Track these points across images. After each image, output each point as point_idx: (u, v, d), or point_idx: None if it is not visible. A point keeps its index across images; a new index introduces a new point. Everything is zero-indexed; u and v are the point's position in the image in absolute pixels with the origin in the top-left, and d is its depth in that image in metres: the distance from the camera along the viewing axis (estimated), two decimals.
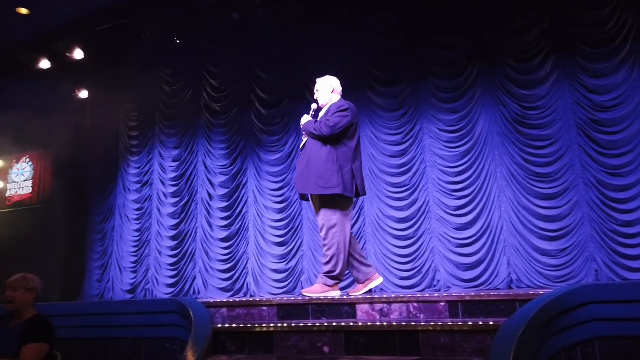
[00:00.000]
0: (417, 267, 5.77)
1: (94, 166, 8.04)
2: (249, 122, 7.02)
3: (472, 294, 3.25)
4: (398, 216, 5.96)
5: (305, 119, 3.89)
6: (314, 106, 3.99)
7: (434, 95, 6.04)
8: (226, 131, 7.15)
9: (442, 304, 3.14)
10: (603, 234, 5.08)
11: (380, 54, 6.33)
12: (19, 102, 7.70)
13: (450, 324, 2.77)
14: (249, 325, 3.25)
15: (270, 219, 6.64)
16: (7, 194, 8.62)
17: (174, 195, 7.32)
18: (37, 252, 7.56)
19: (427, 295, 3.49)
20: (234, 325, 3.31)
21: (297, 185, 3.86)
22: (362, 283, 3.76)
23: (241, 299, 5.27)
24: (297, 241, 6.44)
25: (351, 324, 2.99)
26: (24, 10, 6.67)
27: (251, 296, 6.44)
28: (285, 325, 3.14)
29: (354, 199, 3.89)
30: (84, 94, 7.95)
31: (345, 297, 3.48)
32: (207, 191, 7.12)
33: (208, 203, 7.08)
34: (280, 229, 6.56)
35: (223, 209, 6.95)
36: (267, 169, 6.80)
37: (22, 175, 8.58)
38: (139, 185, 7.66)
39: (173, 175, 7.39)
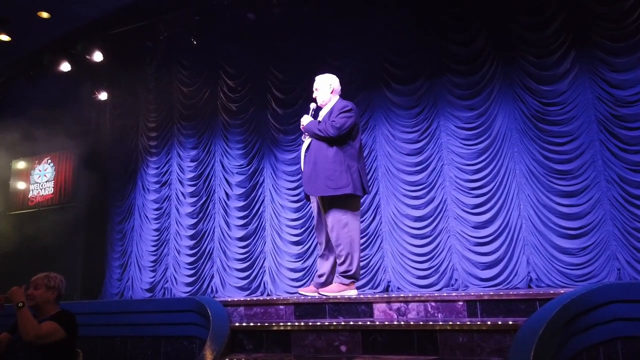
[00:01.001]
0: (434, 266, 5.72)
1: (113, 167, 8.17)
2: (265, 122, 7.06)
3: (491, 293, 3.21)
4: (415, 214, 5.92)
5: (306, 119, 3.85)
6: (312, 105, 3.93)
7: (450, 92, 5.98)
8: (243, 131, 7.19)
9: (460, 303, 3.11)
10: (625, 232, 4.96)
11: (396, 51, 6.30)
12: (40, 104, 7.87)
13: (468, 323, 2.74)
14: (266, 324, 3.26)
15: (287, 218, 6.66)
16: (30, 195, 8.81)
17: (192, 195, 7.39)
18: (59, 251, 7.72)
19: (445, 294, 3.46)
20: (252, 324, 3.32)
21: (306, 188, 3.82)
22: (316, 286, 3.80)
23: (258, 297, 5.30)
24: (313, 240, 6.44)
25: (368, 323, 2.98)
26: (44, 14, 6.80)
27: (268, 295, 6.47)
28: (302, 324, 3.15)
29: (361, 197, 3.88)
30: (103, 96, 8.08)
31: (362, 295, 3.47)
32: (225, 191, 7.18)
33: (225, 202, 7.14)
34: (296, 228, 6.57)
35: (240, 208, 7.00)
36: (284, 168, 6.82)
37: (44, 176, 8.76)
38: (157, 186, 7.76)
39: (191, 175, 7.46)
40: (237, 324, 3.34)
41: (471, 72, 5.88)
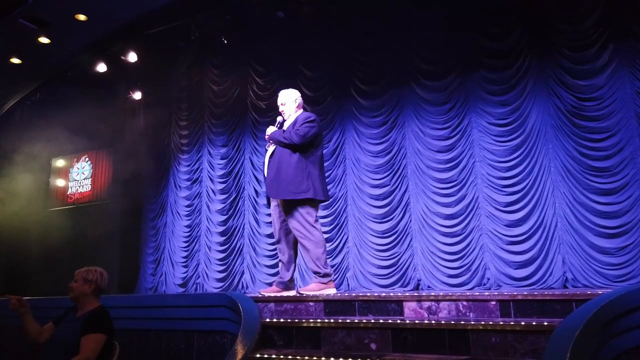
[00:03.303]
0: (466, 264, 5.64)
1: (147, 164, 8.37)
2: None
3: (525, 293, 3.14)
4: (445, 212, 5.85)
5: (271, 129, 4.08)
6: (279, 118, 4.18)
7: (483, 87, 5.87)
8: None
9: (493, 302, 3.05)
10: None
11: (426, 47, 6.22)
12: (78, 103, 8.12)
13: (501, 323, 2.69)
14: (296, 320, 3.28)
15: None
16: (69, 192, 9.12)
17: (222, 192, 7.50)
18: (96, 247, 7.97)
19: (477, 293, 3.41)
20: (282, 320, 3.35)
21: (268, 192, 4.01)
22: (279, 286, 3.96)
23: (288, 294, 5.33)
24: (342, 237, 6.44)
25: (398, 321, 2.96)
26: (82, 17, 7.01)
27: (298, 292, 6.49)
28: (332, 321, 3.15)
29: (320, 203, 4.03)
30: (137, 95, 8.28)
31: (392, 294, 3.45)
32: (254, 188, 7.26)
33: (255, 199, 7.22)
34: (325, 225, 6.57)
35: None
36: None
37: (82, 173, 9.05)
38: (189, 183, 7.91)
39: (221, 172, 7.57)
40: (267, 320, 3.38)
41: (504, 67, 5.76)
